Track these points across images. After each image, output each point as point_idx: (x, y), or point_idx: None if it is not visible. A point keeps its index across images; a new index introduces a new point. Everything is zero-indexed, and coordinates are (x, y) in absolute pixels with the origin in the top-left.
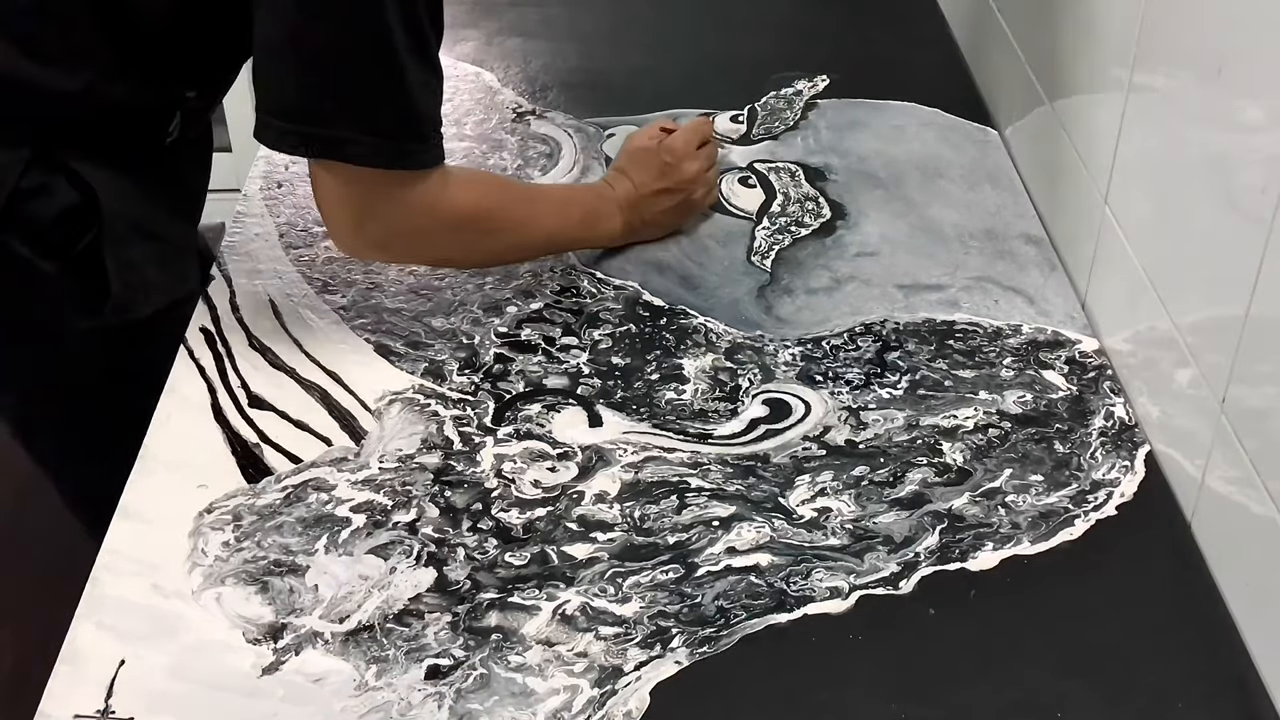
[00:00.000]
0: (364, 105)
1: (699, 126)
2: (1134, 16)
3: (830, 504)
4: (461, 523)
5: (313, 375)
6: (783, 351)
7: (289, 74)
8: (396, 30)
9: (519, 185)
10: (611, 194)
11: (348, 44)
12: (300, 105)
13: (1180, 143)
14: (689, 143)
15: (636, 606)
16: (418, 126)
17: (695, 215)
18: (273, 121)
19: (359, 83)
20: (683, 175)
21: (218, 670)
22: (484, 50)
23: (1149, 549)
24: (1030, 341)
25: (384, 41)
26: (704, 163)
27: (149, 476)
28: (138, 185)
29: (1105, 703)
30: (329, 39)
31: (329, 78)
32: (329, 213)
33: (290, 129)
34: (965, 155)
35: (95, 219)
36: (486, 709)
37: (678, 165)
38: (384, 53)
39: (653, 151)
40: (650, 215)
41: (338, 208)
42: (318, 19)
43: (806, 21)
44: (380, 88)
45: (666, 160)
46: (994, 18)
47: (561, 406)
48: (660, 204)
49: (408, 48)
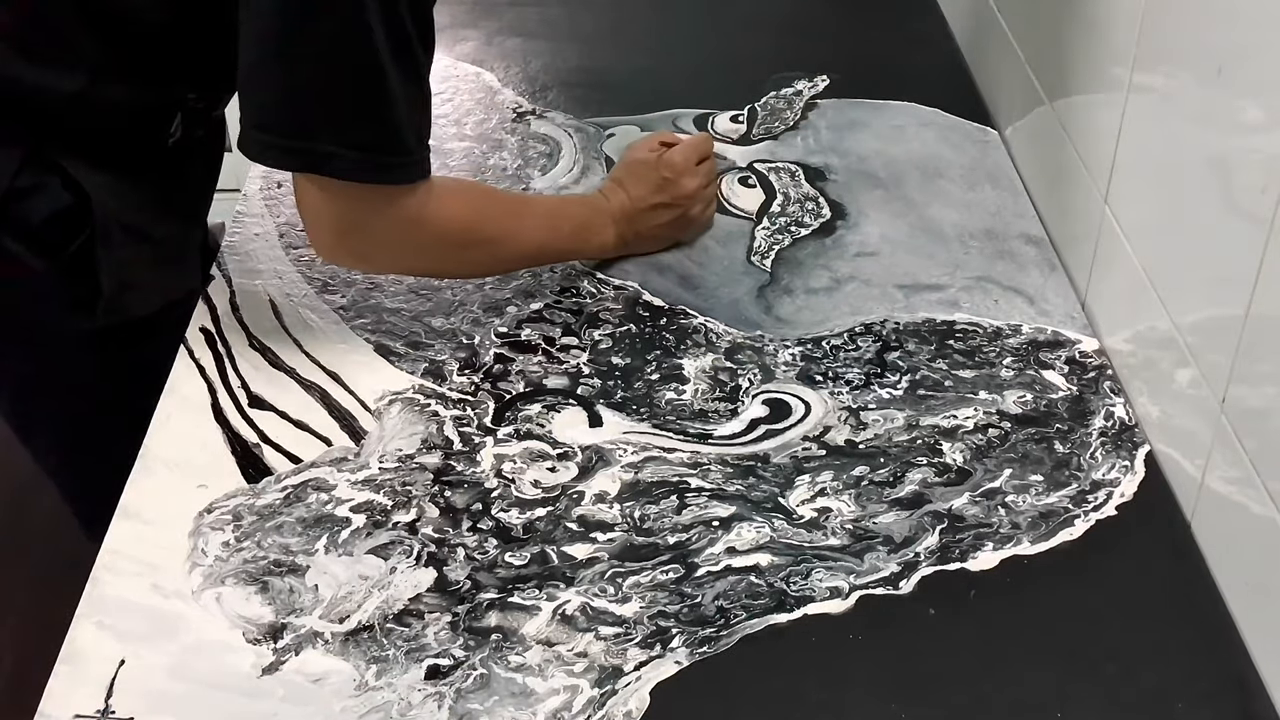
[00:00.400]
0: (347, 120)
1: (699, 143)
2: (1134, 16)
3: (830, 504)
4: (461, 523)
5: (313, 375)
6: (783, 351)
7: (272, 87)
8: (382, 45)
9: (507, 197)
10: (605, 205)
11: (332, 58)
12: (283, 118)
13: (1180, 143)
14: (688, 159)
15: (636, 606)
16: (402, 141)
17: (692, 231)
18: (256, 134)
19: (343, 97)
20: (681, 191)
21: (218, 670)
22: (484, 50)
23: (1149, 549)
24: (1030, 341)
25: (369, 56)
26: (703, 179)
27: (149, 476)
28: (134, 187)
29: (1105, 703)
30: (313, 53)
31: (313, 92)
32: (311, 225)
33: (273, 142)
34: (965, 155)
35: (88, 220)
36: (486, 709)
37: (676, 180)
38: (369, 67)
39: (651, 165)
40: (645, 229)
41: (320, 220)
42: (302, 33)
43: (806, 21)
44: (364, 102)
45: (665, 175)
46: (994, 18)
47: (561, 406)
48: (656, 218)
49: (393, 62)
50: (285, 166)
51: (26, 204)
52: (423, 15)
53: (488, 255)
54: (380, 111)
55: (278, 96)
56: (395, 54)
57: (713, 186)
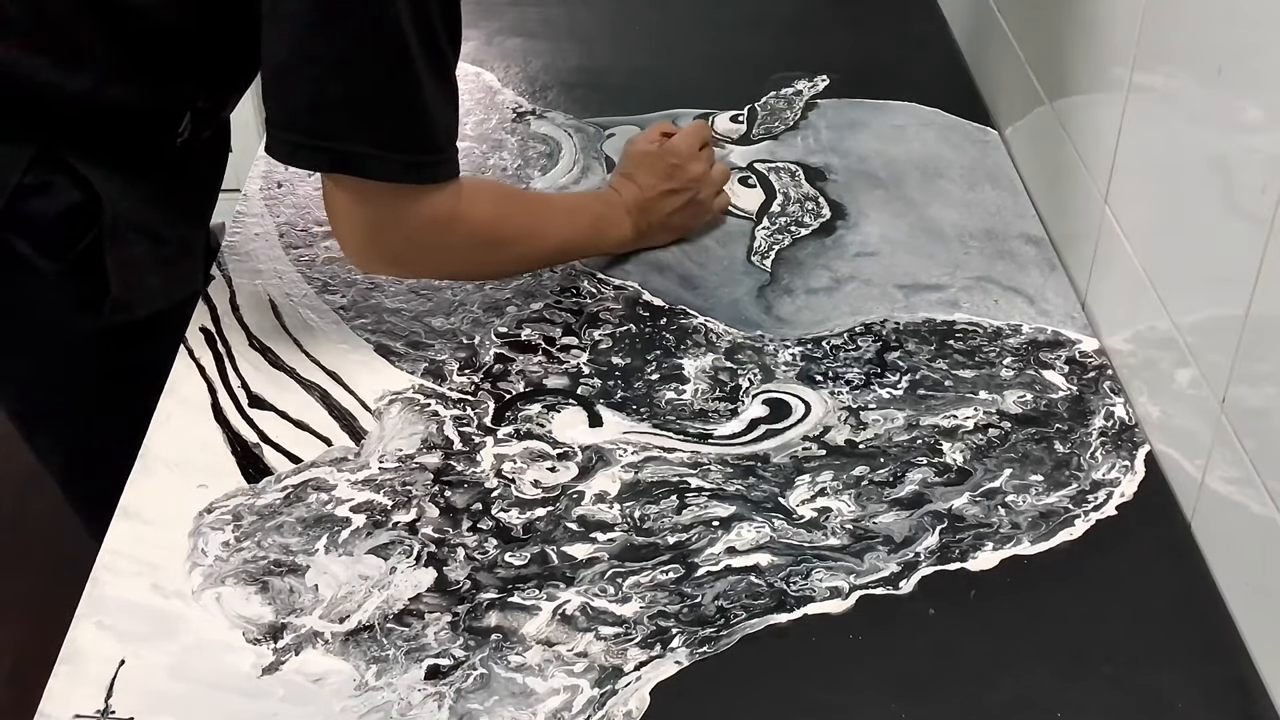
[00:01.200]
0: (378, 119)
1: (699, 129)
2: (1134, 16)
3: (830, 504)
4: (461, 523)
5: (313, 375)
6: (783, 351)
7: (301, 88)
8: (412, 42)
9: (528, 195)
10: (618, 199)
11: (362, 57)
12: (313, 119)
13: (1180, 143)
14: (691, 145)
15: (636, 606)
16: (434, 140)
17: (705, 218)
18: (284, 136)
19: (373, 96)
20: (689, 175)
21: (218, 670)
22: (484, 50)
23: (1149, 549)
24: (1030, 341)
25: (399, 54)
26: (707, 164)
27: (149, 476)
28: (142, 186)
29: (1105, 703)
30: (342, 52)
31: (343, 91)
32: (342, 228)
33: (303, 143)
34: (965, 155)
35: (97, 219)
36: (486, 709)
37: (683, 166)
38: (399, 65)
39: (656, 154)
40: (659, 218)
41: (351, 223)
42: (331, 31)
43: (806, 21)
44: (395, 101)
45: (672, 162)
46: (994, 18)
47: (561, 406)
48: (669, 205)
49: (423, 60)
50: (317, 167)
51: (35, 202)
52: (451, 13)
53: (515, 254)
54: (412, 110)
55: (308, 97)
56: (426, 52)
57: (720, 172)
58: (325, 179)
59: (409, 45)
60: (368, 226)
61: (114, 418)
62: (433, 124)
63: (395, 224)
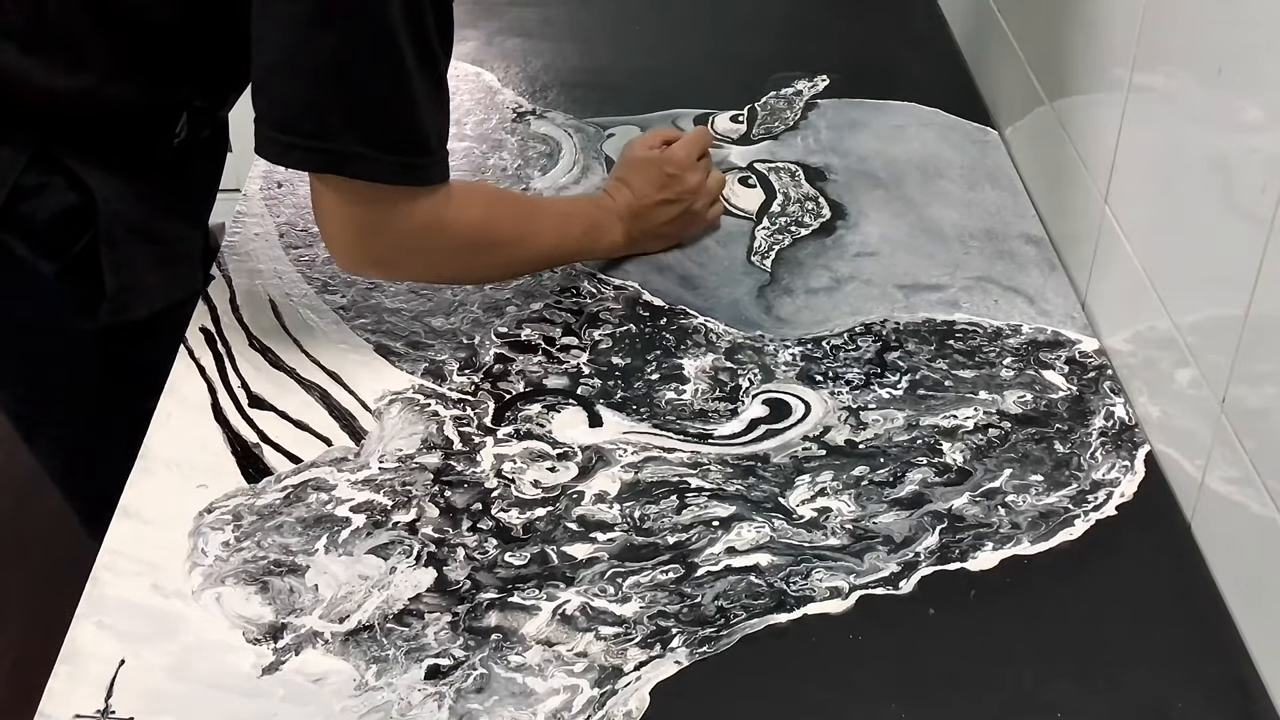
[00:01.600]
0: (370, 119)
1: (698, 138)
2: (1134, 16)
3: (830, 504)
4: (461, 523)
5: (313, 375)
6: (783, 351)
7: (291, 87)
8: (404, 43)
9: (519, 198)
10: (612, 205)
11: (354, 57)
12: (303, 119)
13: (1180, 143)
14: (690, 154)
15: (636, 606)
16: (425, 141)
17: (698, 228)
18: (275, 136)
19: (365, 96)
20: (685, 186)
21: (218, 670)
22: (484, 50)
23: (1149, 549)
24: (1030, 341)
25: (393, 55)
26: (704, 174)
27: (149, 476)
28: (139, 186)
29: (1105, 703)
30: (334, 51)
31: (334, 91)
32: (330, 230)
33: (295, 144)
34: (965, 155)
35: (93, 219)
36: (486, 709)
37: (680, 176)
38: (390, 66)
39: (654, 162)
40: (652, 226)
41: (340, 224)
42: (323, 31)
43: (806, 21)
44: (386, 101)
45: (669, 171)
46: (994, 18)
47: (561, 406)
48: (663, 214)
49: (415, 61)
50: (307, 167)
51: (31, 203)
52: (443, 15)
53: (504, 258)
54: (404, 111)
55: (300, 97)
56: (418, 54)
57: (715, 181)
58: (314, 179)
59: (401, 46)
60: (357, 228)
61: (114, 418)
62: (425, 126)
63: (385, 226)
